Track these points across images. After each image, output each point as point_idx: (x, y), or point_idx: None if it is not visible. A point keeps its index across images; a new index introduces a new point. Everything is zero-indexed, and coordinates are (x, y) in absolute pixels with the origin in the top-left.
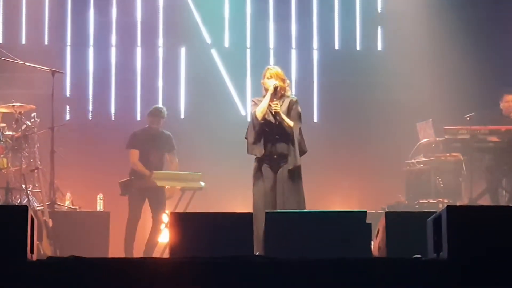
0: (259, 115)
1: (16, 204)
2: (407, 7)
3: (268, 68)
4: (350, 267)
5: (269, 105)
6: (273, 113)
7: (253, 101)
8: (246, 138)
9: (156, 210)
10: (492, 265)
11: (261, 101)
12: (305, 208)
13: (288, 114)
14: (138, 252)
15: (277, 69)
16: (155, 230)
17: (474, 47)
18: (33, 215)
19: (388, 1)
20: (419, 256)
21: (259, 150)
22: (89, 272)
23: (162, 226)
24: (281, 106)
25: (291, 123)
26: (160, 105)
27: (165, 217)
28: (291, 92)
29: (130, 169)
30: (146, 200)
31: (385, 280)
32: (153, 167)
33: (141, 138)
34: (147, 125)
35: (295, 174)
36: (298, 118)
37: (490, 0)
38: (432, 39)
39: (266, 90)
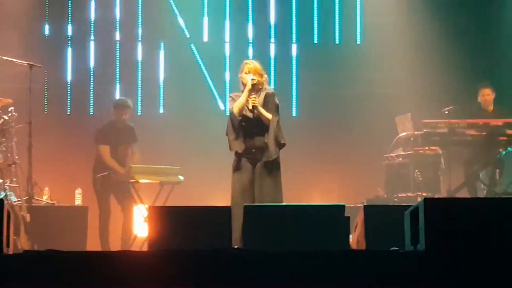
0: (237, 112)
1: None
2: (386, 0)
3: (245, 63)
4: (328, 259)
5: (247, 100)
6: (251, 108)
7: (231, 96)
8: (226, 135)
9: (125, 203)
10: (468, 257)
11: (239, 96)
12: (282, 202)
13: (265, 106)
14: (115, 247)
15: (255, 64)
16: (127, 223)
17: (452, 40)
18: (9, 209)
19: None
20: (396, 248)
21: (240, 146)
22: (66, 266)
23: (137, 219)
24: (259, 100)
25: (269, 116)
26: (123, 97)
27: (144, 211)
28: (270, 85)
29: (95, 162)
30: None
31: (362, 272)
32: (121, 160)
33: (109, 132)
34: (114, 118)
35: (273, 168)
36: (276, 110)
37: None
38: (411, 32)
39: (244, 84)
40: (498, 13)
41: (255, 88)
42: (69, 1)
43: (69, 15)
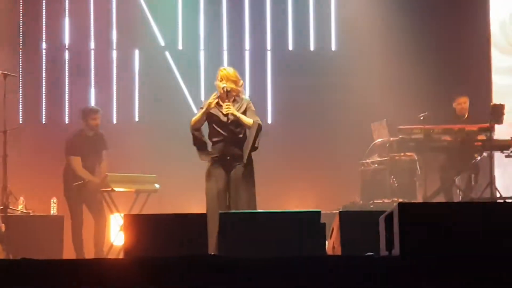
0: (192, 124)
1: None
2: (361, 6)
3: (220, 70)
4: (304, 265)
5: (220, 105)
6: (225, 114)
7: (217, 104)
8: (194, 145)
9: (96, 212)
10: (443, 261)
11: (219, 106)
12: (256, 209)
13: (245, 114)
14: (90, 256)
15: (229, 71)
16: (99, 231)
17: (427, 46)
18: None
19: (342, 2)
20: (371, 254)
21: (206, 156)
22: (40, 274)
23: (113, 227)
24: (237, 108)
25: (249, 120)
26: (91, 105)
27: (120, 219)
28: (245, 93)
29: (64, 171)
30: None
31: (338, 278)
32: (91, 168)
33: (80, 142)
34: (84, 127)
35: (247, 175)
36: (256, 115)
37: (444, 2)
38: (386, 39)
39: (219, 92)
40: (473, 20)
41: (229, 96)
42: (43, 10)
43: (44, 23)
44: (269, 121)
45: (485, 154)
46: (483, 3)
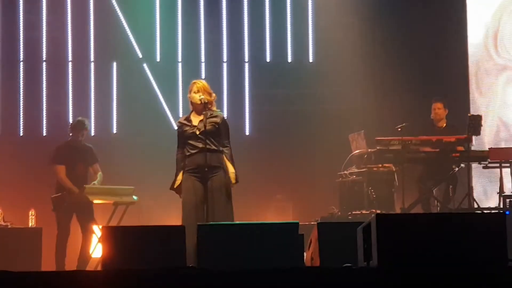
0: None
1: None
2: (338, 18)
3: (194, 82)
4: (282, 276)
5: (190, 120)
6: (201, 129)
7: (179, 122)
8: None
9: (85, 224)
10: (420, 272)
11: (186, 120)
12: (233, 221)
13: (219, 130)
14: (70, 267)
15: (203, 82)
16: (85, 244)
17: (405, 58)
18: None
19: (319, 13)
20: (350, 265)
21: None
22: (18, 287)
23: (95, 240)
24: (212, 120)
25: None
26: (81, 117)
27: (98, 232)
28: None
29: (55, 184)
30: (74, 215)
31: None
32: (79, 180)
33: (66, 152)
34: (70, 138)
35: (224, 186)
36: (228, 138)
37: (421, 12)
38: (363, 50)
39: (193, 104)
40: (451, 30)
41: (206, 107)
42: (21, 22)
43: (21, 35)
44: (247, 132)
45: (462, 165)
46: (461, 12)
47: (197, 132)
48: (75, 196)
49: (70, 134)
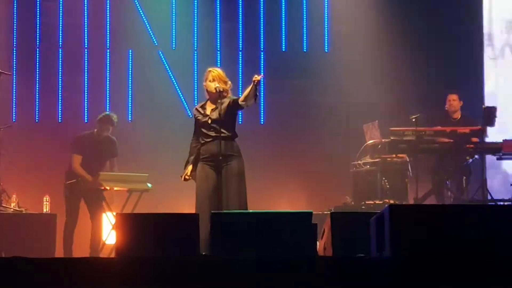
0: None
1: None
2: (353, 8)
3: (209, 70)
4: (295, 266)
5: (205, 108)
6: (213, 118)
7: (195, 109)
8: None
9: (94, 212)
10: (433, 263)
11: (202, 108)
12: (247, 209)
13: (227, 111)
14: (79, 254)
15: (219, 71)
16: (95, 231)
17: (420, 48)
18: None
19: (335, 3)
20: (362, 255)
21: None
22: (33, 273)
23: (106, 227)
24: (221, 105)
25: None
26: (110, 112)
27: (112, 218)
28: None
29: (67, 171)
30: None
31: (328, 278)
32: (94, 172)
33: (86, 143)
34: (95, 130)
35: (238, 175)
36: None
37: (436, 3)
38: (379, 40)
39: (208, 92)
40: (466, 22)
41: (221, 96)
42: (37, 9)
43: (38, 23)
44: (262, 121)
45: (476, 156)
46: (477, 2)
47: (209, 121)
48: (89, 183)
49: (96, 127)
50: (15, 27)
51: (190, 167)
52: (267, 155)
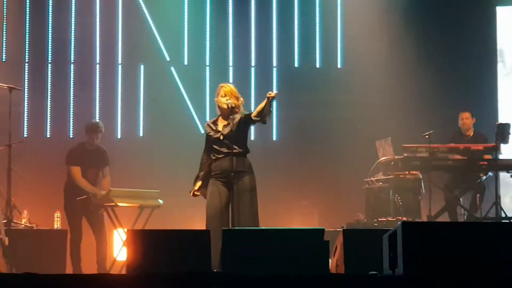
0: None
1: None
2: (366, 25)
3: (221, 86)
4: (307, 283)
5: (216, 124)
6: (225, 134)
7: (207, 124)
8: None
9: (97, 226)
10: (446, 281)
11: (214, 124)
12: (258, 225)
13: (239, 127)
14: (90, 271)
15: (231, 86)
16: (101, 247)
17: (434, 65)
18: None
19: (348, 19)
20: (375, 272)
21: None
22: None
23: (117, 243)
24: (233, 121)
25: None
26: (96, 119)
27: (123, 235)
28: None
29: (65, 184)
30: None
31: None
32: (91, 183)
33: (80, 154)
34: (86, 141)
35: (249, 191)
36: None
37: (449, 21)
38: (392, 56)
39: (220, 108)
40: (479, 38)
41: (233, 112)
42: (49, 24)
43: (49, 38)
44: (274, 138)
45: (490, 173)
46: (491, 21)
47: (221, 137)
48: (100, 199)
49: (86, 137)
50: (26, 42)
51: (199, 183)
52: (279, 171)
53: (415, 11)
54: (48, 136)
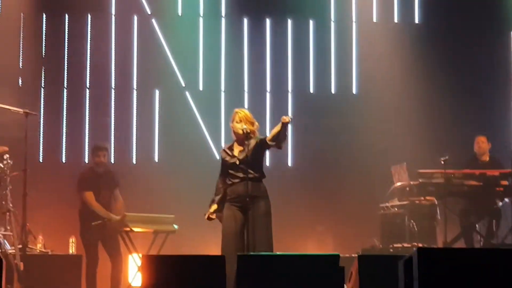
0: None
1: None
2: (382, 50)
3: (236, 112)
4: None
5: (232, 149)
6: (241, 159)
7: (223, 150)
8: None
9: (112, 251)
10: None
11: (229, 150)
12: (272, 250)
13: (255, 152)
14: None
15: (246, 112)
16: (116, 271)
17: (449, 90)
18: (3, 258)
19: (363, 45)
20: None
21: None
22: None
23: (131, 268)
24: (248, 146)
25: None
26: (99, 141)
27: (138, 260)
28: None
29: (80, 211)
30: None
31: None
32: (104, 206)
33: (90, 178)
34: (93, 165)
35: (265, 217)
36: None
37: (464, 46)
38: (407, 82)
39: (235, 133)
40: (495, 63)
41: (248, 137)
42: (65, 49)
43: (65, 63)
44: (290, 163)
45: (506, 199)
46: (506, 43)
47: (237, 162)
48: (115, 224)
49: (92, 162)
50: (42, 67)
51: (214, 206)
52: (294, 197)
53: (430, 36)
54: (64, 161)
